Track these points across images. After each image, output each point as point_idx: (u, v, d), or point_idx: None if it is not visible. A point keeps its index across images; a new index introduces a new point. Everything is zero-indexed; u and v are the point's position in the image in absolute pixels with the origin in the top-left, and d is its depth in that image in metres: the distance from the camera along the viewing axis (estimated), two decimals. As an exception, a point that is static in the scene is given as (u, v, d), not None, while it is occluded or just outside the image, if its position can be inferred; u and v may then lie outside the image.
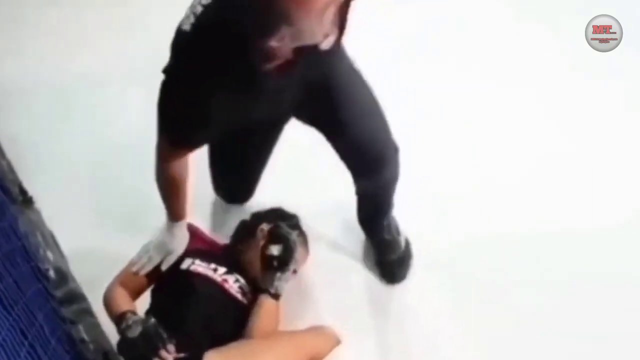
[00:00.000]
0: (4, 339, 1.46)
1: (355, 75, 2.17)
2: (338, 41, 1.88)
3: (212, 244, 2.38)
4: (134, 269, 2.18)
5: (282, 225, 2.27)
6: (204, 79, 1.77)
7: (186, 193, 2.15)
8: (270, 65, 1.73)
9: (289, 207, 2.46)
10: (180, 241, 2.23)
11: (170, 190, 2.12)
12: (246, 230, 2.38)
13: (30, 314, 1.86)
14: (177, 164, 2.05)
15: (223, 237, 2.49)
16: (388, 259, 2.54)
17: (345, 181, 2.33)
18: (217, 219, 2.69)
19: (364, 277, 2.57)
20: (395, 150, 2.25)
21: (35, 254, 2.36)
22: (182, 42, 1.77)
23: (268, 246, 2.19)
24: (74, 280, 2.42)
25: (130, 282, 2.18)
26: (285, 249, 2.18)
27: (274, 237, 2.22)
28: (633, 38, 2.84)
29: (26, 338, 1.68)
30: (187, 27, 1.74)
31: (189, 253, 2.21)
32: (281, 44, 1.61)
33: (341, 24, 1.82)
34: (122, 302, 2.10)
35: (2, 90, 3.05)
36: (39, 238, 2.45)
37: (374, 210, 2.50)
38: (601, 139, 2.97)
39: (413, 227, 2.61)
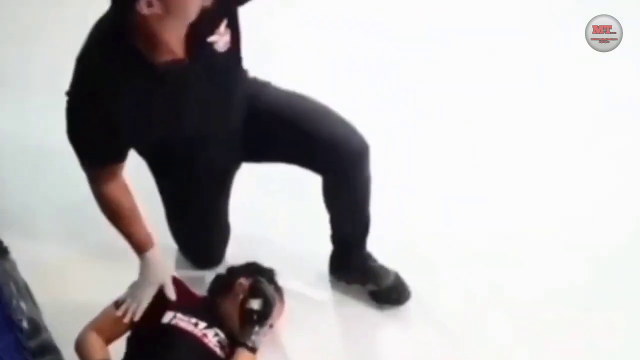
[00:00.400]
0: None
1: (272, 86, 2.23)
2: (235, 46, 1.97)
3: (192, 296, 2.36)
4: (119, 313, 2.15)
5: (261, 280, 2.28)
6: (102, 87, 1.81)
7: (138, 219, 2.13)
8: (162, 58, 1.80)
9: (258, 258, 2.46)
10: (161, 269, 2.19)
11: (116, 217, 2.11)
12: (224, 284, 2.37)
13: (3, 365, 1.83)
14: (111, 188, 2.04)
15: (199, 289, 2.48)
16: (384, 284, 2.49)
17: (314, 230, 2.36)
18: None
19: (338, 323, 2.55)
20: (367, 146, 2.22)
21: (8, 304, 2.32)
22: (77, 68, 1.84)
23: (248, 300, 2.18)
24: (47, 331, 2.38)
25: (107, 329, 2.16)
26: (264, 303, 2.18)
27: (254, 291, 2.22)
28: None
29: (-1, 388, 1.65)
30: (79, 53, 1.83)
31: (170, 306, 2.18)
32: (151, 10, 1.67)
33: (233, 27, 1.93)
34: (97, 349, 2.08)
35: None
36: (13, 288, 2.41)
37: (352, 226, 2.44)
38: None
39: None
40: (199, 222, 2.43)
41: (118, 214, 2.10)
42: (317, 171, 2.27)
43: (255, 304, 2.17)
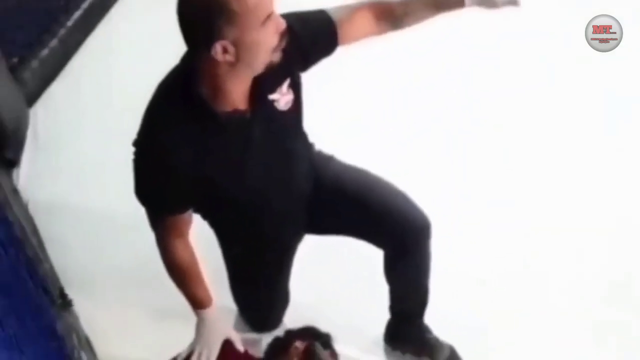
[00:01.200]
0: None
1: (336, 160, 2.27)
2: (295, 108, 2.01)
3: (247, 358, 2.39)
4: None
5: (316, 345, 2.29)
6: (165, 134, 1.85)
7: (201, 278, 2.15)
8: (224, 107, 1.84)
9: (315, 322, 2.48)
10: (219, 327, 2.21)
11: (180, 277, 2.14)
12: (280, 346, 2.39)
13: (63, 413, 1.89)
14: (176, 246, 2.08)
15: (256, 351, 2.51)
16: (439, 358, 2.47)
17: (371, 298, 2.37)
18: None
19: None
20: (429, 224, 2.23)
21: (70, 355, 2.40)
22: (145, 116, 1.90)
23: None
24: (104, 385, 2.45)
25: None
26: None
27: (309, 356, 2.24)
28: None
29: None
30: (151, 99, 1.90)
31: None
32: (225, 57, 1.72)
33: (295, 90, 1.98)
34: None
35: (50, 203, 3.16)
36: (75, 340, 2.50)
37: (412, 299, 2.44)
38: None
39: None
40: (261, 289, 2.46)
41: (181, 272, 2.14)
42: (379, 245, 2.29)
43: None
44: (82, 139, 3.47)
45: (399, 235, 2.22)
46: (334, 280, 2.80)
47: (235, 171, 1.99)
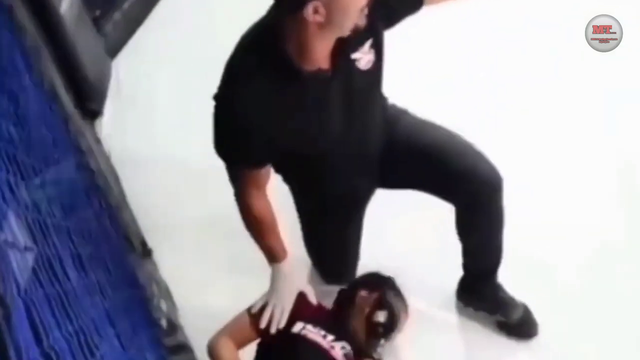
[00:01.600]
0: (121, 375, 1.54)
1: (410, 114, 2.26)
2: (376, 67, 2.00)
3: (320, 309, 2.41)
4: (264, 324, 2.19)
5: (388, 293, 2.30)
6: (247, 89, 1.87)
7: (276, 231, 2.19)
8: (308, 66, 1.86)
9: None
10: (293, 280, 2.25)
11: (256, 227, 2.17)
12: (346, 298, 2.42)
13: (143, 357, 1.94)
14: (254, 199, 2.10)
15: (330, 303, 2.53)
16: (513, 317, 2.48)
17: (445, 253, 2.39)
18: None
19: (461, 348, 2.57)
20: (501, 178, 2.21)
21: (150, 302, 2.47)
22: (227, 68, 1.92)
23: (374, 313, 2.22)
24: (182, 331, 2.51)
25: (239, 335, 2.22)
26: (390, 315, 2.21)
27: (380, 304, 2.25)
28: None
29: (139, 378, 1.76)
30: (232, 54, 1.91)
31: (301, 317, 2.23)
32: (315, 17, 1.73)
33: (377, 49, 1.97)
34: (228, 354, 2.16)
35: (133, 153, 3.23)
36: (155, 288, 2.57)
37: (484, 257, 2.43)
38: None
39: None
40: (333, 242, 2.49)
41: (258, 225, 2.17)
42: (452, 201, 2.27)
43: (381, 317, 2.21)
44: (163, 91, 3.52)
45: (472, 191, 2.20)
46: (406, 235, 2.79)
47: (313, 128, 2.00)
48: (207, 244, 2.86)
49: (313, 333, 2.19)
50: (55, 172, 1.92)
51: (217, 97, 1.94)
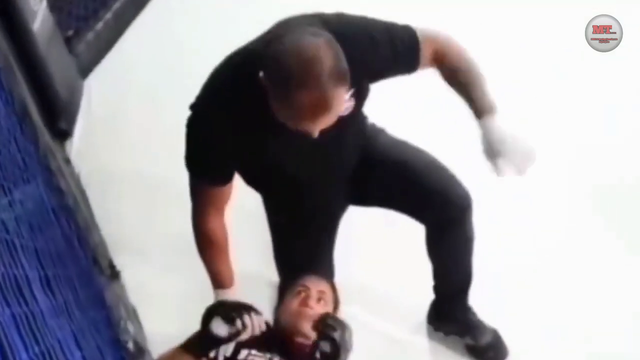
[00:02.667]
0: (88, 398, 1.53)
1: (387, 134, 2.26)
2: (356, 111, 2.01)
3: (265, 332, 2.38)
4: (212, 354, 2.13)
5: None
6: (225, 110, 1.86)
7: (227, 257, 2.16)
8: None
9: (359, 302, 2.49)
10: None
11: (207, 250, 2.14)
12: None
13: (109, 381, 1.92)
14: (211, 220, 2.08)
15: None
16: (482, 340, 2.48)
17: (416, 278, 2.40)
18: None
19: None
20: (470, 199, 2.23)
21: (117, 325, 2.45)
22: (210, 80, 1.90)
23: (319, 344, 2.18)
24: (149, 355, 2.48)
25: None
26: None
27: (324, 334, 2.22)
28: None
29: (105, 402, 1.74)
30: (217, 67, 1.89)
31: (244, 345, 2.16)
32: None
33: (359, 96, 1.96)
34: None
35: (102, 174, 3.21)
36: (122, 311, 2.54)
37: (454, 278, 2.44)
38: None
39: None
40: (304, 257, 2.48)
41: (209, 245, 2.14)
42: (422, 221, 2.29)
43: (326, 347, 2.17)
44: (134, 112, 3.51)
45: (442, 211, 2.21)
46: (378, 259, 2.79)
47: (289, 158, 2.01)
48: (177, 264, 2.83)
49: (259, 357, 2.17)
50: (24, 192, 1.91)
51: (193, 107, 1.94)
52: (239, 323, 2.09)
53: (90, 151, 3.30)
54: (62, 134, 3.24)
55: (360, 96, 2.00)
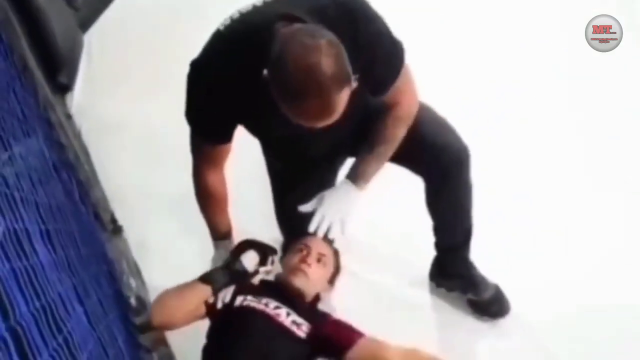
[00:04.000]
0: (90, 352, 1.52)
1: None
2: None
3: (261, 284, 2.40)
4: (210, 299, 2.21)
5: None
6: (227, 72, 1.84)
7: (225, 210, 2.21)
8: None
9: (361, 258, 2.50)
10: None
11: (206, 204, 2.19)
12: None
13: (112, 335, 1.92)
14: (211, 175, 2.11)
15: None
16: (484, 295, 2.50)
17: (419, 234, 2.41)
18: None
19: (433, 328, 2.59)
20: (468, 151, 2.23)
21: (119, 280, 2.45)
22: (214, 40, 1.87)
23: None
24: (152, 309, 2.48)
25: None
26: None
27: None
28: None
29: (108, 356, 1.74)
30: (222, 27, 1.85)
31: (241, 290, 2.23)
32: None
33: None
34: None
35: (103, 128, 3.19)
36: (124, 266, 2.55)
37: (454, 232, 2.45)
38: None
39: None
40: (302, 203, 2.48)
41: (208, 199, 2.18)
42: (420, 174, 2.28)
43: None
44: (135, 66, 3.48)
45: (439, 164, 2.21)
46: (382, 216, 2.80)
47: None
48: (179, 219, 2.84)
49: (255, 302, 2.19)
50: (24, 145, 1.89)
51: (195, 63, 1.91)
52: (269, 261, 2.24)
53: (91, 105, 3.29)
54: (63, 88, 3.21)
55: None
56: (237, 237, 2.28)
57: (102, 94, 3.35)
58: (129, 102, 3.32)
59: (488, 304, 2.51)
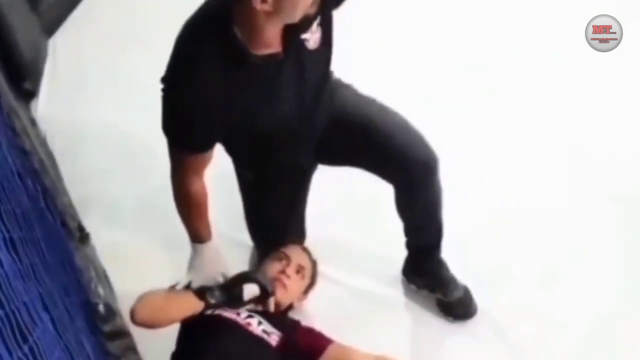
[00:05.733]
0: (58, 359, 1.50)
1: (352, 89, 2.26)
2: (325, 45, 2.00)
3: None
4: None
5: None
6: (198, 71, 1.85)
7: (206, 215, 2.20)
8: (259, 50, 1.84)
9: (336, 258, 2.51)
10: (210, 263, 2.25)
11: (187, 211, 2.17)
12: None
13: (80, 343, 1.89)
14: (191, 181, 2.10)
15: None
16: (452, 296, 2.50)
17: (393, 233, 2.40)
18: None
19: (404, 326, 2.59)
20: (435, 159, 2.23)
21: (87, 288, 2.42)
22: (177, 44, 1.88)
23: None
24: (121, 317, 2.46)
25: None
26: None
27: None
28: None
29: (75, 364, 1.72)
30: (180, 33, 1.87)
31: None
32: (263, 7, 1.71)
33: (325, 26, 1.96)
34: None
35: (69, 134, 3.16)
36: (92, 273, 2.51)
37: (424, 234, 2.46)
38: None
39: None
40: (273, 217, 2.48)
41: (189, 207, 2.16)
42: (389, 181, 2.28)
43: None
44: (101, 70, 3.45)
45: (406, 172, 2.21)
46: (354, 216, 2.81)
47: (264, 108, 1.99)
48: (147, 224, 2.82)
49: (227, 312, 2.19)
50: (-13, 153, 1.86)
51: (165, 80, 1.91)
52: (270, 304, 2.26)
53: (56, 111, 3.25)
54: (27, 94, 3.18)
55: (326, 25, 1.98)
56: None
57: (67, 99, 3.32)
58: (94, 107, 3.29)
59: (455, 305, 2.52)
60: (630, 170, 2.90)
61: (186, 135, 1.98)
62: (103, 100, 3.33)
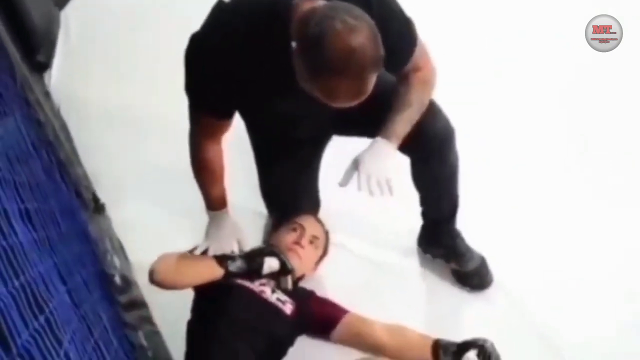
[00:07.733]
0: (74, 332, 1.51)
1: None
2: None
3: None
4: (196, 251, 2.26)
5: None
6: (231, 45, 1.84)
7: (221, 181, 2.22)
8: None
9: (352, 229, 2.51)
10: (226, 231, 2.27)
11: (203, 176, 2.20)
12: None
13: (96, 314, 1.91)
14: (209, 148, 2.12)
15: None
16: (468, 266, 2.49)
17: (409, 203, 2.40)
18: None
19: (419, 295, 2.58)
20: (452, 130, 2.23)
21: (103, 259, 2.43)
22: (218, 12, 1.87)
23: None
24: (137, 287, 2.47)
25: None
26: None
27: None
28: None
29: (92, 335, 1.73)
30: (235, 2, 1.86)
31: None
32: None
33: None
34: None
35: (82, 106, 3.15)
36: (108, 244, 2.53)
37: (440, 205, 2.45)
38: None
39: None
40: (289, 185, 2.47)
41: (205, 172, 2.18)
42: (404, 152, 2.26)
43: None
44: (113, 41, 3.44)
45: (420, 144, 2.18)
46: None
47: (285, 102, 1.98)
48: (162, 195, 2.81)
49: (241, 279, 2.19)
50: (2, 125, 1.86)
51: (195, 37, 1.91)
52: (288, 282, 2.24)
53: (70, 83, 3.24)
54: (40, 66, 3.17)
55: None
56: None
57: (81, 71, 3.30)
58: (108, 79, 3.28)
59: (470, 276, 2.51)
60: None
61: (204, 98, 1.99)
62: (116, 72, 3.31)
